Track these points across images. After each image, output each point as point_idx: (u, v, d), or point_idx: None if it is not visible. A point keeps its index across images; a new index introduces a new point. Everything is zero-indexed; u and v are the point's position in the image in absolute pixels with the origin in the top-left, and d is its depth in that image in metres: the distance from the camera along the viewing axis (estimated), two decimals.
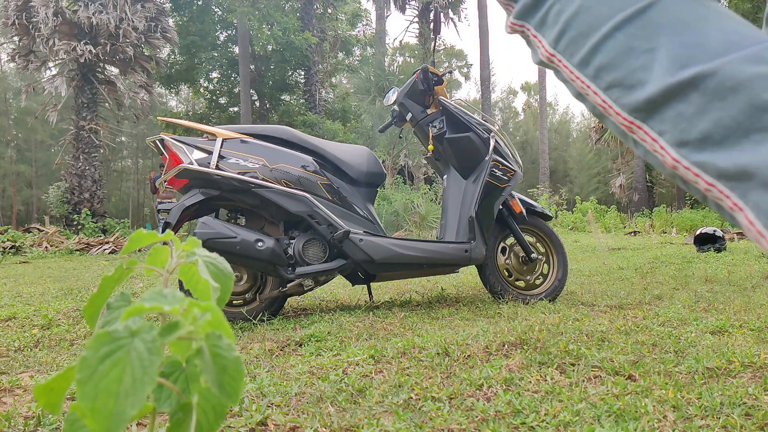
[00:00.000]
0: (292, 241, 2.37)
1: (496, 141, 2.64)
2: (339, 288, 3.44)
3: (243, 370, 0.40)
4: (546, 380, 1.25)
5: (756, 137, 0.47)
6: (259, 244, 2.23)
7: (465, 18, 27.65)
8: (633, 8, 0.55)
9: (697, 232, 5.63)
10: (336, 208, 2.40)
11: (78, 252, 9.25)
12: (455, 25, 23.22)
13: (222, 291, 0.46)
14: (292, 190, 2.30)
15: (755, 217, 0.49)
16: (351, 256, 2.37)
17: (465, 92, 52.21)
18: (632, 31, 0.55)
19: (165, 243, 0.49)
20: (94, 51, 12.14)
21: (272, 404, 1.15)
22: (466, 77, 40.62)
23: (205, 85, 21.53)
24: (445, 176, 2.74)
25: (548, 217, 2.79)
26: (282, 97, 21.29)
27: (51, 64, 13.11)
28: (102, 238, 10.71)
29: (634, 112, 0.56)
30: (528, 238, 2.73)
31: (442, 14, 20.13)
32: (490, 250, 2.61)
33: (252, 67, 18.94)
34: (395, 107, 2.87)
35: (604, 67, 0.58)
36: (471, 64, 39.67)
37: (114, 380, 0.34)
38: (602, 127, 22.54)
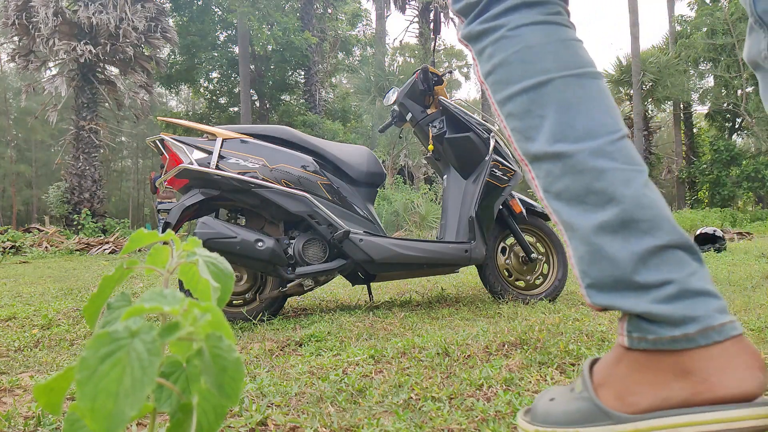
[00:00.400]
0: (292, 241, 2.37)
1: (496, 141, 2.63)
2: (339, 288, 3.44)
3: (243, 371, 0.40)
4: (546, 380, 1.25)
5: (585, 207, 0.69)
6: (259, 244, 2.23)
7: None
8: (536, 80, 0.72)
9: (697, 233, 5.64)
10: (336, 208, 2.40)
11: (78, 252, 9.25)
12: (455, 25, 23.20)
13: (222, 291, 0.46)
14: (292, 190, 2.30)
15: (572, 254, 0.73)
16: (351, 256, 2.37)
17: (465, 92, 52.24)
18: (533, 97, 0.73)
19: (165, 243, 0.49)
20: (94, 51, 12.15)
21: (272, 404, 1.15)
22: (466, 77, 40.61)
23: (205, 85, 21.54)
24: (445, 176, 2.74)
25: (548, 217, 2.79)
26: (282, 97, 21.30)
27: (51, 64, 13.12)
28: (102, 238, 10.72)
29: (524, 155, 0.76)
30: (528, 238, 2.72)
31: (442, 14, 20.12)
32: (490, 250, 2.61)
33: (252, 67, 18.94)
34: (395, 107, 2.87)
35: (513, 115, 0.76)
36: (471, 65, 39.63)
37: (114, 380, 0.34)
38: None
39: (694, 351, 0.59)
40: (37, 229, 11.12)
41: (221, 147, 2.32)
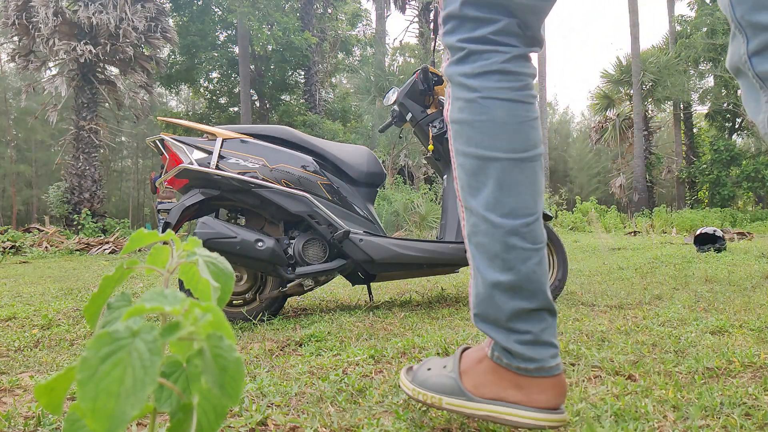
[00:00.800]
0: (292, 241, 2.37)
1: None
2: (339, 288, 3.44)
3: (243, 371, 0.40)
4: None
5: (491, 264, 0.89)
6: (259, 244, 2.23)
7: None
8: (488, 154, 0.88)
9: (697, 232, 5.63)
10: (336, 208, 2.40)
11: (78, 252, 9.25)
12: None
13: (222, 291, 0.46)
14: (292, 190, 2.31)
15: (472, 287, 0.93)
16: (351, 256, 2.37)
17: None
18: (481, 166, 0.89)
19: (165, 243, 0.49)
20: (94, 51, 12.14)
21: (272, 404, 1.15)
22: None
23: (205, 85, 21.53)
24: (445, 176, 2.74)
25: (548, 217, 2.78)
26: (282, 97, 21.29)
27: (51, 64, 13.11)
28: (102, 238, 10.71)
29: (463, 202, 0.93)
30: None
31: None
32: None
33: (252, 67, 18.94)
34: (395, 107, 2.87)
35: (463, 168, 0.92)
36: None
37: (115, 380, 0.34)
38: (602, 127, 22.54)
39: (528, 377, 0.87)
40: (37, 229, 11.11)
41: (221, 147, 2.32)
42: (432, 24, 20.27)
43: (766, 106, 0.70)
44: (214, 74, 21.03)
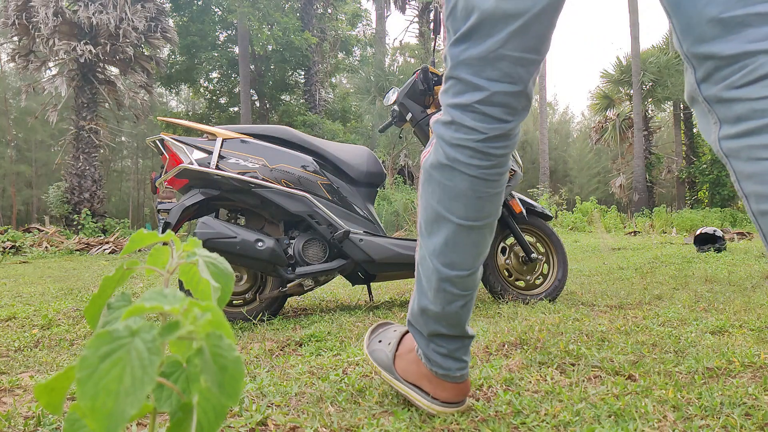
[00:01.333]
0: (292, 241, 2.37)
1: None
2: (339, 288, 3.44)
3: (243, 371, 0.40)
4: (546, 380, 1.25)
5: (428, 295, 1.04)
6: (259, 244, 2.23)
7: None
8: (445, 215, 0.99)
9: (697, 232, 5.63)
10: (336, 208, 2.40)
11: (78, 252, 9.25)
12: None
13: (223, 291, 0.46)
14: (292, 190, 2.30)
15: (416, 298, 1.09)
16: (351, 256, 2.37)
17: None
18: (438, 220, 1.00)
19: (165, 243, 0.49)
20: (94, 51, 12.14)
21: (272, 404, 1.15)
22: None
23: (205, 85, 21.53)
24: None
25: (548, 217, 2.78)
26: (282, 97, 21.29)
27: (51, 64, 13.10)
28: (102, 238, 10.71)
29: (420, 237, 1.06)
30: (528, 238, 2.72)
31: (441, 14, 20.06)
32: (490, 251, 2.61)
33: (252, 67, 18.94)
34: (395, 107, 2.87)
35: (424, 212, 1.04)
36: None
37: (114, 379, 0.34)
38: (602, 126, 22.55)
39: (437, 377, 1.06)
40: (37, 229, 11.12)
41: (221, 147, 2.32)
42: (432, 24, 20.26)
43: (715, 128, 0.78)
44: (214, 74, 21.03)
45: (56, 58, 12.31)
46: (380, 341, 1.24)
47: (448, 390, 1.05)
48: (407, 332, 1.19)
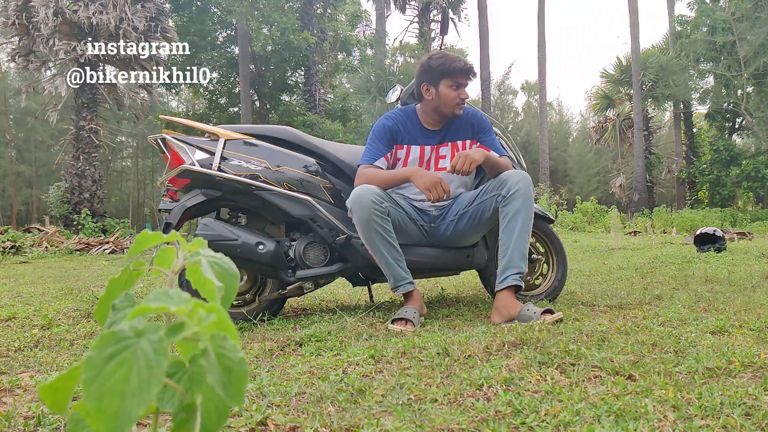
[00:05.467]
0: (293, 243, 2.35)
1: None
2: (339, 288, 3.44)
3: (247, 372, 0.40)
4: (546, 380, 1.25)
5: None
6: (260, 247, 2.21)
7: (465, 18, 27.56)
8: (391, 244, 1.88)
9: (697, 232, 5.63)
10: (338, 212, 2.39)
11: (78, 252, 9.24)
12: (455, 25, 23.11)
13: (227, 291, 0.47)
14: (294, 194, 2.28)
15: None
16: (352, 262, 2.35)
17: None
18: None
19: (169, 244, 0.49)
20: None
21: (272, 404, 1.15)
22: None
23: (205, 85, 21.52)
24: None
25: (550, 221, 2.76)
26: (282, 97, 21.29)
27: (51, 64, 13.10)
28: (102, 238, 10.71)
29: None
30: None
31: (450, 11, 19.97)
32: (491, 253, 2.60)
33: (252, 67, 18.92)
34: (397, 106, 2.86)
35: None
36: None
37: (120, 380, 0.35)
38: (602, 127, 22.55)
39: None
40: (37, 229, 11.12)
41: (223, 148, 2.31)
42: (440, 24, 20.23)
43: None
44: (214, 74, 21.02)
45: (56, 58, 12.30)
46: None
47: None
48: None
